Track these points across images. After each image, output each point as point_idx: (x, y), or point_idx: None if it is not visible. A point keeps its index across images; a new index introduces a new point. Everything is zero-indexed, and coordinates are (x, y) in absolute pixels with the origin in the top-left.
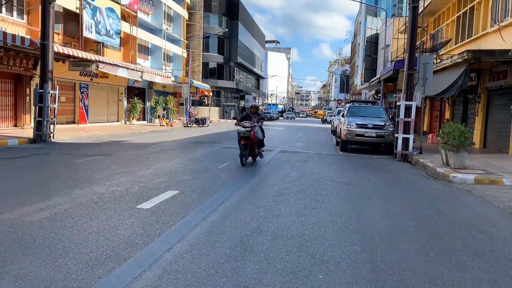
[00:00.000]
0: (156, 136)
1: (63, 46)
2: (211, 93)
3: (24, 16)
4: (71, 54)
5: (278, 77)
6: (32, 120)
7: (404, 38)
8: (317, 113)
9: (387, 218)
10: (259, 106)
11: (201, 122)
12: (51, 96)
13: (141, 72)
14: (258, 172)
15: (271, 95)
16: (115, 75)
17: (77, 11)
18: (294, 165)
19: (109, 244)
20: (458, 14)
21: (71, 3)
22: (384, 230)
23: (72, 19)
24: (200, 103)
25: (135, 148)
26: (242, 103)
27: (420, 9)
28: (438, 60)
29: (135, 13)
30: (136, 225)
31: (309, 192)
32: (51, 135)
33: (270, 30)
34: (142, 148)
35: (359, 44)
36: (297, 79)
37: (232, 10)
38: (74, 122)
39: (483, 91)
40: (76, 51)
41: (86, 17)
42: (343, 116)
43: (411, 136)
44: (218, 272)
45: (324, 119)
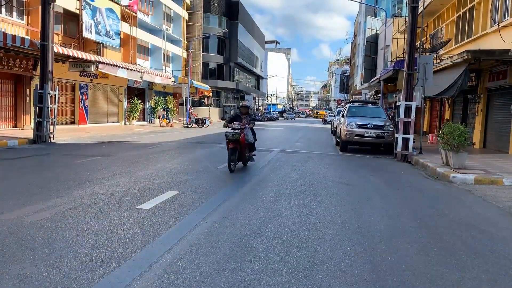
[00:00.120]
0: (156, 137)
1: (63, 47)
2: (211, 94)
3: (24, 17)
4: (71, 55)
5: (278, 78)
6: (32, 121)
7: (404, 38)
8: (319, 114)
9: (387, 218)
10: (260, 107)
11: (201, 123)
12: (51, 97)
13: (141, 73)
14: (258, 173)
15: (271, 96)
16: (115, 76)
17: (77, 12)
18: (294, 166)
19: (109, 245)
20: (458, 14)
21: (71, 4)
22: (384, 231)
23: (72, 20)
24: (200, 104)
25: (135, 149)
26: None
27: (420, 9)
28: (438, 60)
29: (135, 14)
30: (136, 226)
31: (309, 193)
32: (51, 136)
33: (270, 31)
34: (142, 149)
35: (359, 45)
36: (297, 80)
37: (232, 11)
38: (74, 123)
39: (483, 91)
40: (76, 52)
41: (86, 18)
42: (343, 117)
43: (411, 136)
44: (218, 273)
45: (325, 120)
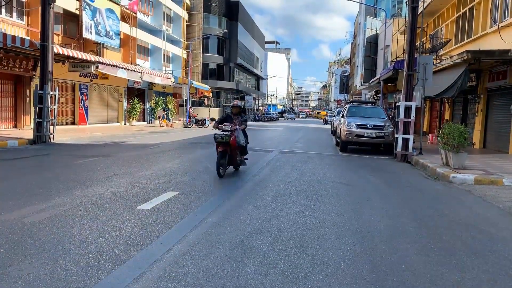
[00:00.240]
0: (156, 137)
1: (63, 47)
2: (211, 94)
3: (24, 17)
4: (71, 55)
5: (278, 78)
6: (32, 121)
7: (404, 39)
8: (320, 114)
9: (387, 219)
10: (260, 107)
11: (201, 123)
12: (51, 97)
13: (141, 73)
14: (258, 173)
15: (271, 96)
16: (115, 76)
17: (77, 12)
18: (294, 166)
19: (109, 245)
20: (458, 15)
21: (71, 4)
22: (384, 231)
23: (72, 20)
24: (200, 104)
25: (135, 149)
26: (242, 104)
27: (420, 10)
28: (438, 61)
29: (135, 14)
30: (136, 226)
31: (309, 193)
32: (51, 136)
33: (270, 31)
34: (142, 149)
35: (359, 45)
36: (297, 80)
37: (232, 11)
38: (74, 123)
39: (483, 92)
40: (76, 52)
41: (86, 18)
42: (343, 117)
43: (411, 137)
44: (218, 273)
45: (326, 120)
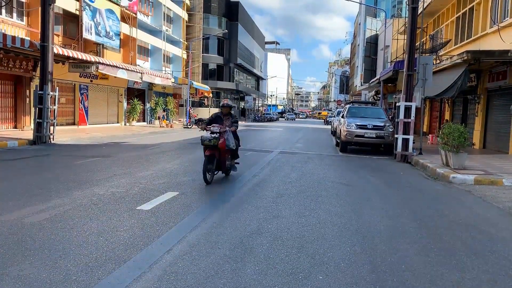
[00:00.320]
0: (156, 137)
1: (63, 48)
2: (211, 94)
3: (24, 18)
4: (71, 56)
5: (278, 78)
6: (32, 122)
7: (404, 39)
8: (321, 114)
9: (387, 219)
10: (260, 108)
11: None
12: (51, 98)
13: (141, 74)
14: (258, 173)
15: (271, 96)
16: (115, 77)
17: (77, 13)
18: (294, 166)
19: (109, 246)
20: (458, 15)
21: (71, 5)
22: (384, 231)
23: (72, 21)
24: (200, 104)
25: (135, 150)
26: (242, 104)
27: (420, 10)
28: (438, 61)
29: (135, 15)
30: (136, 227)
31: (309, 193)
32: (51, 137)
33: (270, 31)
34: (142, 150)
35: (359, 45)
36: (297, 80)
37: (232, 11)
38: (74, 124)
39: (483, 92)
40: (76, 53)
41: (86, 19)
42: (343, 117)
43: (411, 137)
44: (218, 273)
45: (327, 120)
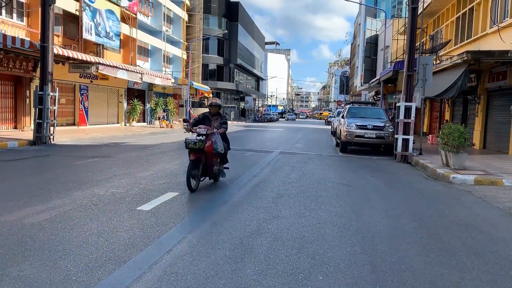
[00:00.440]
0: (156, 138)
1: (63, 48)
2: (211, 95)
3: (24, 18)
4: (71, 56)
5: (278, 79)
6: (32, 122)
7: (404, 39)
8: (322, 115)
9: (387, 219)
10: (260, 108)
11: None
12: (51, 98)
13: (141, 74)
14: (258, 174)
15: (271, 97)
16: (115, 77)
17: (77, 13)
18: (294, 167)
19: (109, 246)
20: (458, 15)
21: (71, 5)
22: (384, 231)
23: (72, 21)
24: (200, 105)
25: (135, 150)
26: (242, 105)
27: (420, 10)
28: (438, 61)
29: (135, 15)
30: (136, 227)
31: (309, 194)
32: (51, 137)
33: (270, 32)
34: (142, 150)
35: (359, 45)
36: (297, 81)
37: (232, 12)
38: (74, 124)
39: (483, 92)
40: (76, 53)
41: (86, 19)
42: (343, 117)
43: (411, 137)
44: (218, 274)
45: (328, 121)
